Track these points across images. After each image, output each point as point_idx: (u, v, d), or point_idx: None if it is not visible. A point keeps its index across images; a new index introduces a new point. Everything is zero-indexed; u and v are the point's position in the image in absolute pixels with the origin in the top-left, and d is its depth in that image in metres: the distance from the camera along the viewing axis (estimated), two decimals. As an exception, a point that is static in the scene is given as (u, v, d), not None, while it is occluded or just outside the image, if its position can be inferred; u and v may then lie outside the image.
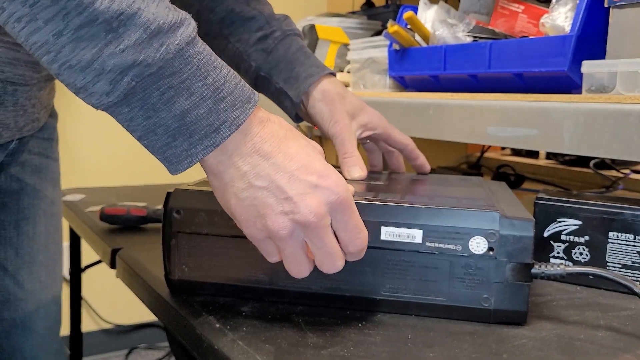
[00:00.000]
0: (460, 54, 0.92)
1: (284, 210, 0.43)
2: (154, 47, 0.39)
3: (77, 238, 1.28)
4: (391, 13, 1.48)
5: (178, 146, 0.42)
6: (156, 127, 0.42)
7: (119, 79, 0.39)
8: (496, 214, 0.49)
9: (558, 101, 0.71)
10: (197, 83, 0.41)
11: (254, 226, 0.45)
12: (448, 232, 0.50)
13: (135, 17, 0.39)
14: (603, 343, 0.48)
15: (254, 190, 0.43)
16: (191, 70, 0.41)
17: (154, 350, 2.23)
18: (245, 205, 0.44)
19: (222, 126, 0.42)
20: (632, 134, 0.63)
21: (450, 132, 0.87)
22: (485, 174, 1.37)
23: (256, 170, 0.43)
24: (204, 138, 0.42)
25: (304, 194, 0.43)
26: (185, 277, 0.55)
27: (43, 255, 0.80)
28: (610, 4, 0.72)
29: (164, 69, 0.40)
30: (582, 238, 0.62)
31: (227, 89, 0.43)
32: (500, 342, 0.47)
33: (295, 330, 0.48)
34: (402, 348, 0.45)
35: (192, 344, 0.49)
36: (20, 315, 0.78)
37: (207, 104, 0.42)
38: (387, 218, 0.50)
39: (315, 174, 0.44)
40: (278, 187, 0.43)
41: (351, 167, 0.68)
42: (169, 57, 0.40)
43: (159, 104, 0.41)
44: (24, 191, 0.77)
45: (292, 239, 0.44)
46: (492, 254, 0.49)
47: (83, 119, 2.02)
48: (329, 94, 0.73)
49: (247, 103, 0.44)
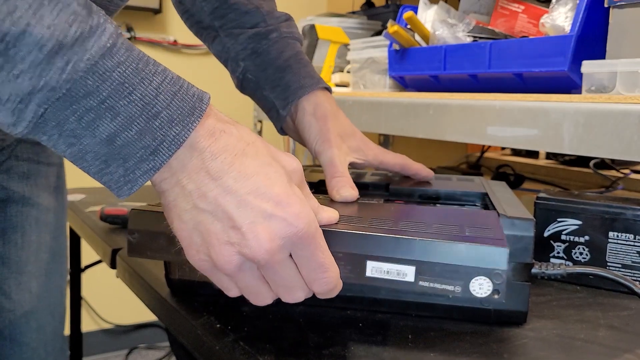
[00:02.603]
0: (460, 54, 0.92)
1: (230, 241, 0.37)
2: (57, 67, 0.33)
3: (77, 238, 1.28)
4: (391, 13, 1.48)
5: (113, 172, 0.37)
6: (84, 154, 0.36)
7: (21, 107, 0.34)
8: (504, 250, 0.42)
9: (558, 101, 0.71)
10: (121, 101, 0.35)
11: (198, 254, 0.39)
12: (446, 271, 0.42)
13: (25, 36, 0.32)
14: (603, 343, 0.48)
15: (197, 213, 0.38)
16: (111, 86, 0.35)
17: (154, 350, 2.24)
18: (189, 228, 0.38)
19: (160, 147, 0.36)
20: (632, 134, 0.63)
21: (450, 132, 0.87)
22: (485, 174, 1.37)
23: (202, 190, 0.37)
24: (141, 162, 0.36)
25: (254, 223, 0.37)
26: (186, 277, 0.55)
27: (34, 265, 0.75)
28: (610, 4, 0.72)
29: (75, 90, 0.34)
30: (582, 238, 0.62)
31: (162, 102, 0.36)
32: (501, 342, 0.47)
33: (296, 330, 0.48)
34: (402, 348, 0.46)
35: (193, 344, 0.49)
36: (8, 326, 0.74)
37: (137, 124, 0.36)
38: (374, 251, 0.43)
39: (272, 201, 0.38)
40: (225, 213, 0.37)
41: (341, 187, 0.59)
42: (78, 76, 0.34)
43: (78, 129, 0.35)
44: (10, 199, 0.73)
45: (243, 272, 0.39)
46: (497, 298, 0.42)
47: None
48: (321, 109, 0.66)
49: (190, 115, 0.37)
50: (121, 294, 1.89)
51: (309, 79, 0.68)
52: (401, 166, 0.69)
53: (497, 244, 0.42)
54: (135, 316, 2.19)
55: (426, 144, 1.45)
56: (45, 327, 0.78)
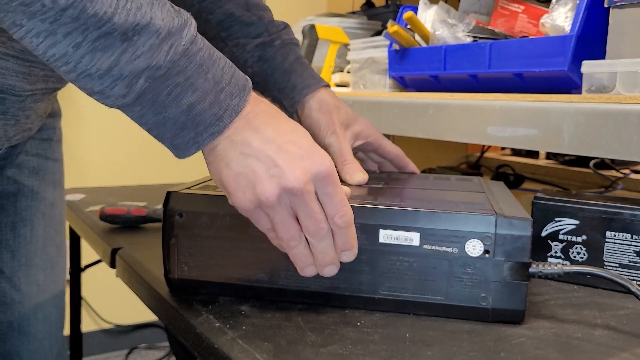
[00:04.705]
0: (460, 54, 0.93)
1: (272, 176, 0.46)
2: (164, 50, 0.43)
3: (77, 238, 1.28)
4: (391, 13, 1.48)
5: (185, 135, 0.46)
6: (165, 121, 0.45)
7: (134, 82, 0.43)
8: (492, 217, 0.50)
9: (558, 101, 0.71)
10: (200, 79, 0.45)
11: (244, 195, 0.47)
12: (445, 235, 0.50)
13: (149, 26, 0.42)
14: (600, 342, 0.48)
15: (244, 159, 0.46)
16: (194, 67, 0.44)
17: (154, 350, 2.24)
18: (235, 173, 0.47)
19: (224, 115, 0.46)
20: (632, 134, 0.63)
21: (450, 132, 0.87)
22: (485, 174, 1.37)
23: (247, 141, 0.46)
24: (209, 127, 0.46)
25: (291, 162, 0.46)
26: (185, 276, 0.55)
27: (41, 258, 0.79)
28: (610, 4, 0.72)
29: (172, 69, 0.43)
30: (579, 237, 0.62)
31: (225, 80, 0.46)
32: (498, 341, 0.47)
33: (295, 328, 0.49)
34: (400, 347, 0.46)
35: (192, 343, 0.50)
36: (17, 319, 0.77)
37: (210, 97, 0.45)
38: (385, 221, 0.51)
39: (303, 149, 0.47)
40: (267, 156, 0.46)
41: (353, 172, 0.68)
42: (177, 57, 0.43)
43: (167, 101, 0.44)
44: (21, 193, 0.76)
45: (280, 205, 0.46)
46: (488, 257, 0.50)
47: (83, 119, 2.02)
48: (326, 104, 0.74)
49: (243, 90, 0.47)
50: (121, 294, 1.89)
51: (312, 80, 0.76)
52: (396, 155, 0.78)
53: (487, 213, 0.50)
54: (135, 316, 2.19)
55: (426, 144, 1.45)
56: (50, 318, 0.81)
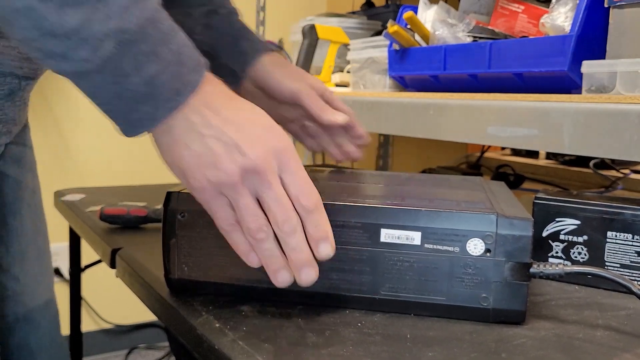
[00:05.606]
0: (460, 54, 0.93)
1: (232, 156, 0.44)
2: (134, 15, 0.40)
3: (77, 238, 1.28)
4: (391, 13, 1.48)
5: (142, 109, 0.43)
6: (124, 92, 0.42)
7: (100, 45, 0.40)
8: (493, 216, 0.50)
9: (558, 101, 0.71)
10: (164, 49, 0.43)
11: (205, 178, 0.45)
12: (446, 234, 0.50)
13: None
14: (602, 342, 0.48)
15: (204, 139, 0.45)
16: (159, 36, 0.42)
17: (154, 350, 2.24)
18: (196, 154, 0.45)
19: (184, 89, 0.44)
20: (632, 134, 0.63)
21: (450, 132, 0.87)
22: (485, 174, 1.37)
23: (205, 120, 0.45)
24: (168, 101, 0.44)
25: (251, 141, 0.45)
26: (185, 277, 0.55)
27: (33, 249, 0.79)
28: (610, 4, 0.72)
29: (139, 34, 0.41)
30: (580, 238, 0.62)
31: (186, 53, 0.45)
32: (499, 342, 0.47)
33: (295, 329, 0.48)
34: (401, 347, 0.46)
35: (192, 343, 0.50)
36: (22, 310, 0.77)
37: (171, 69, 0.43)
38: (387, 220, 0.51)
39: (263, 127, 0.46)
40: (227, 136, 0.45)
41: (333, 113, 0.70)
42: (145, 23, 0.41)
43: (129, 69, 0.41)
44: (6, 184, 0.75)
45: (244, 186, 0.45)
46: (489, 256, 0.49)
47: (83, 119, 2.02)
48: (279, 60, 0.76)
49: (202, 67, 0.46)
50: (121, 294, 1.89)
51: (262, 44, 0.77)
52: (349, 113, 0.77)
53: (488, 212, 0.50)
54: (135, 316, 2.19)
55: (426, 144, 1.46)
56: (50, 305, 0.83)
